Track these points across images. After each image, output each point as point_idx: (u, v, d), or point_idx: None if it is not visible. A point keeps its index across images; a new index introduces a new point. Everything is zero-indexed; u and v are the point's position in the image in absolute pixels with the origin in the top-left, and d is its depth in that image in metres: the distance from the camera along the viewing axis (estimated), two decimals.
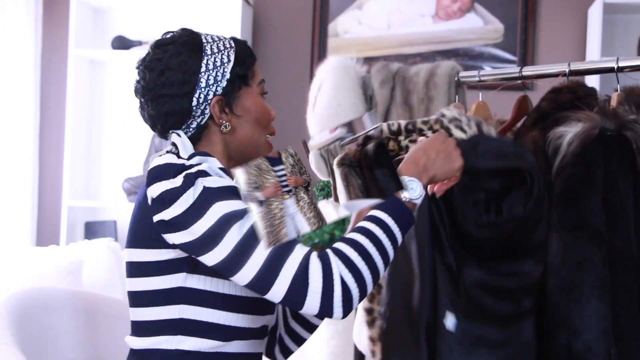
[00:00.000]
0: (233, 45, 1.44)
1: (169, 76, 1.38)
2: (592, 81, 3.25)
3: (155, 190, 1.30)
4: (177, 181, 1.28)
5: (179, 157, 1.35)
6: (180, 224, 1.27)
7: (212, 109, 1.40)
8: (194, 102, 1.39)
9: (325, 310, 1.24)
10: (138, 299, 1.40)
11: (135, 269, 1.39)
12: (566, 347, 1.45)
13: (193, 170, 1.30)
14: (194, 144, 1.43)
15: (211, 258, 1.27)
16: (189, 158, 1.34)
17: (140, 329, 1.41)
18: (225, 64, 1.40)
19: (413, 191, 1.34)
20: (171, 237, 1.30)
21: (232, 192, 1.29)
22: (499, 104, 2.01)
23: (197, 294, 1.35)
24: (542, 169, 1.52)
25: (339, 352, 2.77)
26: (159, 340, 1.37)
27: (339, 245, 1.28)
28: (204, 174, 1.29)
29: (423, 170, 1.37)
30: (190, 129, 1.42)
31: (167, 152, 1.41)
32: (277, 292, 1.25)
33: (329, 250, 1.28)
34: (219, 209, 1.26)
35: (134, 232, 1.39)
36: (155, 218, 1.30)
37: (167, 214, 1.28)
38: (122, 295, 3.10)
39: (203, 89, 1.39)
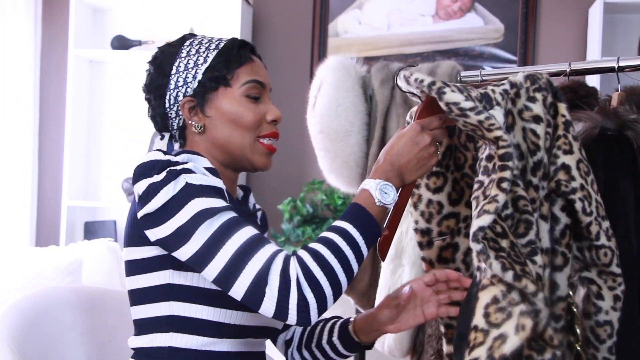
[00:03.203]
0: (220, 46, 1.42)
1: (151, 80, 1.43)
2: (592, 81, 3.24)
3: (141, 186, 1.28)
4: (161, 176, 1.27)
5: (165, 154, 1.35)
6: (159, 217, 1.27)
7: (182, 110, 1.41)
8: (167, 104, 1.42)
9: (280, 314, 1.21)
10: (133, 297, 1.40)
11: (128, 268, 1.39)
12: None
13: (178, 167, 1.29)
14: (181, 145, 1.46)
15: (183, 253, 1.26)
16: (176, 155, 1.34)
17: (137, 327, 1.41)
18: (199, 66, 1.40)
19: (387, 196, 1.30)
20: (151, 233, 1.29)
21: (213, 191, 1.29)
22: None
23: (184, 290, 1.33)
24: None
25: None
26: (152, 337, 1.37)
27: (302, 252, 1.25)
28: (188, 171, 1.29)
29: (397, 174, 1.33)
30: (174, 131, 1.45)
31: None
32: (237, 290, 1.23)
33: (293, 255, 1.25)
34: (195, 205, 1.25)
35: (127, 231, 1.40)
36: (139, 214, 1.29)
37: (148, 208, 1.27)
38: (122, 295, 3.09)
39: (172, 91, 1.41)
